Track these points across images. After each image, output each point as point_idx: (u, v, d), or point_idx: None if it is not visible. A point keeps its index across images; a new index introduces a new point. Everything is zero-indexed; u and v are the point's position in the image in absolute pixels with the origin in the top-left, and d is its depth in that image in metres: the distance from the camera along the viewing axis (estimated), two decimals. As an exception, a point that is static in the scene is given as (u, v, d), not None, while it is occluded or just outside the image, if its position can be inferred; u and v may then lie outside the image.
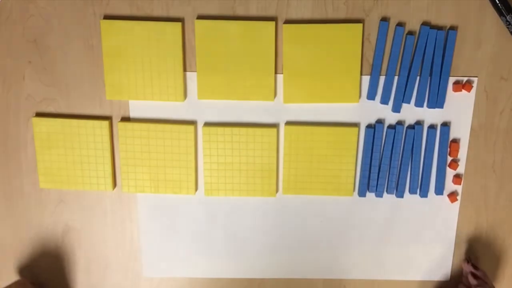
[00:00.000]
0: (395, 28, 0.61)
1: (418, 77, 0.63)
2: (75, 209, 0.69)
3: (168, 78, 0.63)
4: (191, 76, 0.64)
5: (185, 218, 0.69)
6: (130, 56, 0.62)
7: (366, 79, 0.63)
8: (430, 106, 0.64)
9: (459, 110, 0.64)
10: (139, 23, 0.61)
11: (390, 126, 0.65)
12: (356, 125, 0.65)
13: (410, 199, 0.67)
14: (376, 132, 0.65)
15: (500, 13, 0.60)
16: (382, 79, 0.63)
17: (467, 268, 0.67)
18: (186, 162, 0.65)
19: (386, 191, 0.67)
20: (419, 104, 0.64)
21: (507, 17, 0.60)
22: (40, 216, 0.69)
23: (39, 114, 0.65)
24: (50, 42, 0.63)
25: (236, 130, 0.64)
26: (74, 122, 0.64)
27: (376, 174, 0.66)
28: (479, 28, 0.62)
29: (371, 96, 0.64)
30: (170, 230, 0.69)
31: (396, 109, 0.64)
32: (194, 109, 0.65)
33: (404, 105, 0.64)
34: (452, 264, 0.70)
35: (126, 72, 0.63)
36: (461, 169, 0.66)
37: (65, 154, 0.65)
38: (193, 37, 0.62)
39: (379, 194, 0.67)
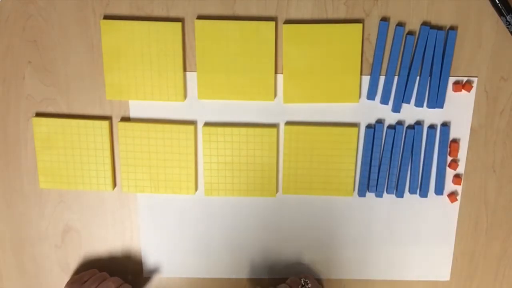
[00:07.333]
0: (395, 28, 0.61)
1: (418, 77, 0.63)
2: (75, 209, 0.69)
3: (168, 78, 0.63)
4: (191, 76, 0.64)
5: (185, 218, 0.69)
6: (130, 56, 0.62)
7: (366, 79, 0.63)
8: (430, 106, 0.64)
9: (459, 110, 0.64)
10: (139, 23, 0.61)
11: (390, 126, 0.65)
12: (356, 125, 0.65)
13: (410, 199, 0.67)
14: (376, 132, 0.65)
15: (500, 13, 0.60)
16: (382, 79, 0.63)
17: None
18: (186, 162, 0.65)
19: (386, 191, 0.67)
20: (419, 104, 0.64)
21: (507, 17, 0.60)
22: (40, 216, 0.69)
23: (39, 114, 0.65)
24: (50, 42, 0.63)
25: (236, 130, 0.64)
26: (74, 122, 0.64)
27: (376, 174, 0.66)
28: (479, 28, 0.62)
29: (371, 96, 0.64)
30: (170, 230, 0.69)
31: (396, 109, 0.64)
32: (194, 109, 0.65)
33: (404, 105, 0.64)
34: (452, 264, 0.70)
35: (126, 72, 0.63)
36: (461, 169, 0.66)
37: (65, 154, 0.65)
38: (193, 37, 0.62)
39: (379, 194, 0.67)
